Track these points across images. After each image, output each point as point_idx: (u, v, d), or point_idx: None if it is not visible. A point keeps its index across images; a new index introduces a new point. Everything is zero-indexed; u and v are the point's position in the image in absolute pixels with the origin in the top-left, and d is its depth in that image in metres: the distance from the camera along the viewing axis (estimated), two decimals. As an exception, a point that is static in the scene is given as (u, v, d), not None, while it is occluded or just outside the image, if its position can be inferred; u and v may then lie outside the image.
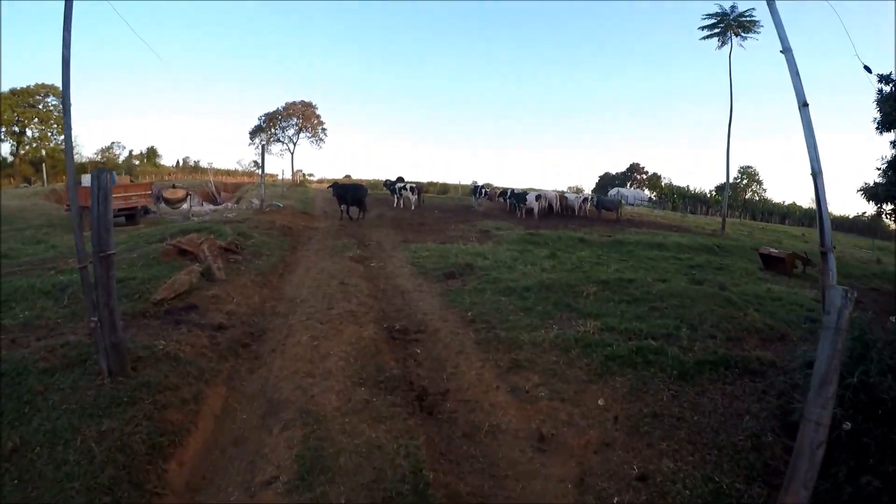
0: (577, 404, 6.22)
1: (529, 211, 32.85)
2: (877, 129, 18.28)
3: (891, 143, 18.23)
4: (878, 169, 18.68)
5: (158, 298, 8.54)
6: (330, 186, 28.39)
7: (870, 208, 21.79)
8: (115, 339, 5.72)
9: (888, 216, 20.00)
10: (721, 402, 6.06)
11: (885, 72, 17.77)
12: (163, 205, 28.15)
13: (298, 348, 7.43)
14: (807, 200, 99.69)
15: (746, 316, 9.27)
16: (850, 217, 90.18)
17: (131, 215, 24.43)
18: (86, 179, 24.68)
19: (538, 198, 33.30)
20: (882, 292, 16.49)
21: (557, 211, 36.23)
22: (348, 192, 26.47)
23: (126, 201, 23.87)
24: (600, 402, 6.22)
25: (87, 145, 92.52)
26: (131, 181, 29.75)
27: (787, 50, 6.13)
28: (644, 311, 9.44)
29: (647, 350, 7.21)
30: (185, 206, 29.06)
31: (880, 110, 18.13)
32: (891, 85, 17.94)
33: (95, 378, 5.67)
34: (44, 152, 64.91)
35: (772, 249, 18.98)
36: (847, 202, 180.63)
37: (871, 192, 18.93)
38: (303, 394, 6.13)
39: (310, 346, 7.44)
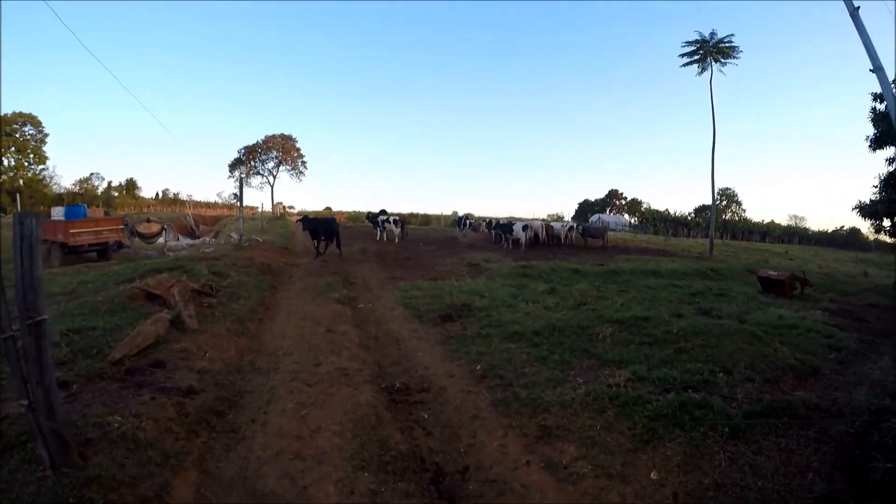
0: (626, 480, 5.14)
1: (516, 241, 32.42)
2: (870, 146, 18.30)
3: (886, 160, 18.53)
4: (875, 187, 18.58)
5: (118, 357, 7.28)
6: (299, 220, 26.79)
7: (865, 225, 21.76)
8: (54, 423, 4.52)
9: (886, 232, 19.44)
10: (779, 460, 5.29)
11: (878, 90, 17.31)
12: (137, 239, 27.12)
13: (283, 419, 6.16)
14: (785, 218, 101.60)
15: (776, 352, 8.63)
16: (829, 231, 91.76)
17: (103, 251, 23.53)
18: (56, 212, 23.62)
19: (525, 228, 32.77)
20: (881, 307, 16.46)
21: (543, 240, 36.08)
22: (319, 226, 24.88)
23: (97, 236, 22.92)
24: (653, 475, 5.19)
25: (65, 176, 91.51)
26: (106, 214, 28.49)
27: (878, 69, 5.46)
28: (670, 355, 8.55)
29: (692, 404, 6.25)
30: (160, 240, 28.07)
31: (875, 127, 17.95)
32: (884, 102, 17.52)
33: (37, 468, 4.49)
34: (21, 182, 64.44)
35: (770, 272, 18.64)
36: (821, 217, 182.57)
37: (868, 210, 18.71)
38: (292, 484, 4.92)
39: (297, 417, 6.19)
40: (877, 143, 18.24)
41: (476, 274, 19.22)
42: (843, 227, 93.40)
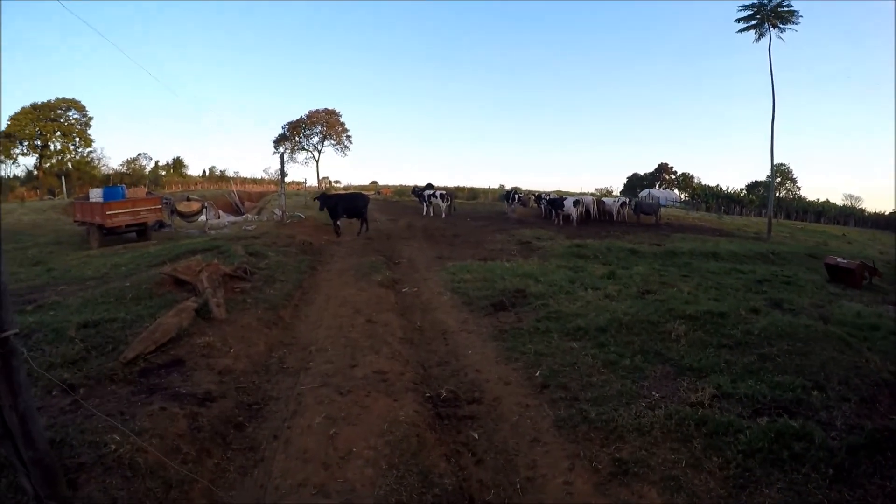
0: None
1: (567, 217, 31.40)
2: None
3: None
4: None
5: (131, 357, 6.47)
6: (316, 198, 24.91)
7: None
8: (36, 454, 3.69)
9: None
10: None
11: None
12: (178, 218, 26.72)
13: (309, 438, 5.24)
14: (840, 198, 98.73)
15: (868, 363, 7.56)
16: (887, 214, 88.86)
17: (142, 231, 23.07)
18: (94, 193, 23.25)
19: (576, 203, 31.65)
20: None
21: (595, 216, 35.02)
22: (340, 204, 23.16)
23: (135, 217, 22.37)
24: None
25: (114, 157, 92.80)
26: (149, 193, 28.12)
27: None
28: (754, 362, 7.51)
29: (790, 435, 5.24)
30: (201, 218, 27.59)
31: None
32: None
33: (23, 497, 3.79)
34: (70, 165, 66.25)
35: (840, 259, 17.63)
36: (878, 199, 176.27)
37: None
38: (312, 531, 4.04)
39: (325, 436, 5.25)
40: None
41: (528, 253, 18.33)
42: None
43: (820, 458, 4.95)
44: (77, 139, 67.52)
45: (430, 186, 40.16)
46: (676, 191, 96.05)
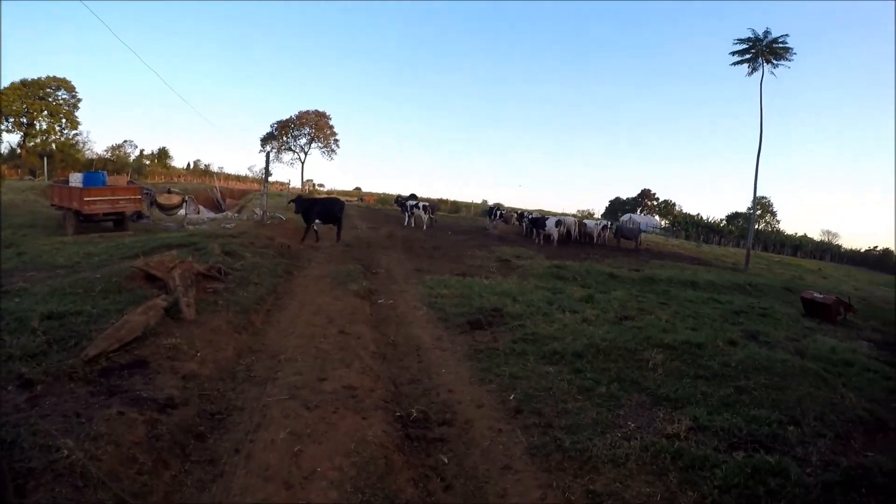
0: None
1: (548, 237, 31.22)
2: None
3: None
4: None
5: (92, 354, 6.21)
6: (291, 201, 23.68)
7: None
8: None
9: None
10: None
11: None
12: (157, 210, 26.30)
13: (272, 454, 5.00)
14: (817, 233, 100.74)
15: (844, 399, 7.82)
16: (862, 251, 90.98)
17: (119, 220, 22.48)
18: (74, 178, 22.81)
19: (558, 223, 31.58)
20: None
21: (575, 237, 35.07)
22: (315, 207, 22.31)
23: (113, 205, 21.84)
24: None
25: (99, 142, 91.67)
26: (131, 182, 27.63)
27: None
28: (731, 395, 7.51)
29: (765, 471, 5.23)
30: (181, 212, 27.20)
31: None
32: None
33: None
34: (54, 146, 64.97)
35: (815, 294, 17.87)
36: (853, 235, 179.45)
37: None
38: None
39: (289, 454, 5.00)
40: None
41: (507, 271, 18.25)
42: (876, 247, 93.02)
43: (795, 494, 4.93)
44: (64, 120, 66.45)
45: (413, 197, 40.06)
46: (657, 217, 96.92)
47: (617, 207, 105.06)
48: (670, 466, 5.31)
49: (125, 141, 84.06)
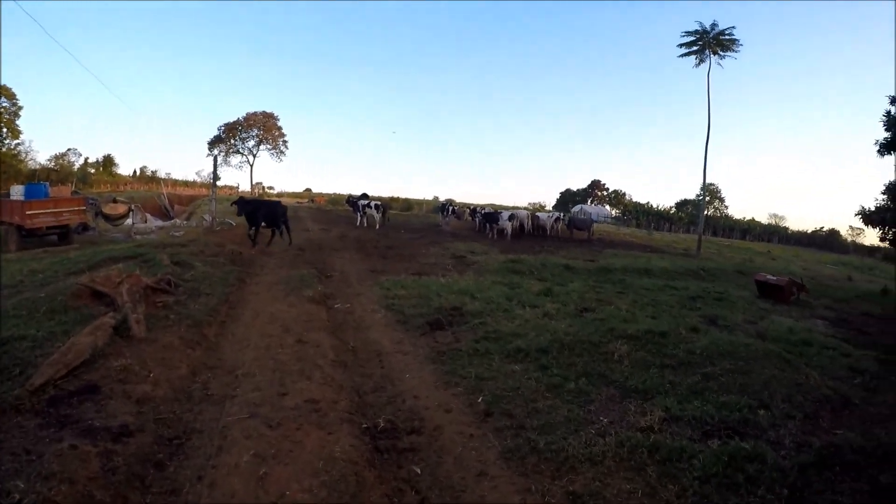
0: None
1: (501, 231, 31.22)
2: (879, 151, 18.29)
3: None
4: (885, 194, 18.14)
5: (39, 383, 5.81)
6: (234, 202, 22.57)
7: (874, 233, 21.29)
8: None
9: (891, 241, 19.01)
10: None
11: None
12: (103, 221, 25.50)
13: (236, 479, 4.66)
14: (765, 216, 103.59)
15: (809, 379, 8.01)
16: (809, 232, 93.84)
17: (64, 234, 21.74)
18: (15, 191, 21.99)
19: (511, 217, 31.59)
20: (877, 317, 16.53)
21: (529, 230, 35.04)
22: (260, 211, 21.31)
23: (57, 218, 21.15)
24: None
25: (42, 151, 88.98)
26: (75, 193, 26.75)
27: None
28: (698, 382, 7.56)
29: (742, 457, 5.29)
30: (127, 221, 26.41)
31: (888, 130, 17.97)
32: None
33: None
34: None
35: (769, 277, 18.44)
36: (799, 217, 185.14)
37: (875, 217, 18.32)
38: None
39: (254, 477, 4.67)
40: (887, 148, 17.72)
41: (463, 268, 18.11)
42: (822, 228, 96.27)
43: (773, 479, 5.01)
44: (4, 129, 63.87)
45: (364, 196, 39.69)
46: (608, 207, 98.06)
47: (568, 199, 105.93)
48: (648, 461, 5.27)
49: (69, 149, 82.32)
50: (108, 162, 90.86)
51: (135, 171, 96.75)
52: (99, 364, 6.59)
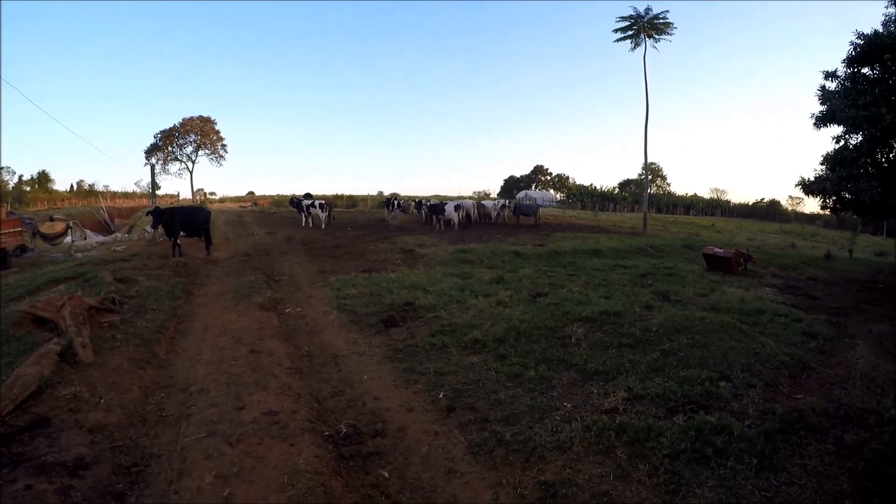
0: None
1: (448, 222, 31.17)
2: (815, 124, 19.11)
3: (833, 138, 19.23)
4: (823, 165, 19.42)
5: (-15, 423, 5.53)
6: (149, 212, 21.05)
7: (814, 203, 22.13)
8: None
9: (832, 210, 19.63)
10: (813, 489, 4.65)
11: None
12: (41, 241, 24.55)
13: (200, 502, 4.48)
14: (707, 191, 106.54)
15: (765, 347, 8.19)
16: (750, 204, 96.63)
17: (1, 257, 20.61)
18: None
19: (457, 208, 31.63)
20: (823, 281, 17.43)
21: (475, 220, 35.13)
22: (176, 219, 19.09)
23: None
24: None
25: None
26: (11, 213, 25.72)
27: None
28: (658, 359, 7.67)
29: (709, 431, 5.40)
30: (66, 240, 25.47)
31: (823, 104, 18.79)
32: (836, 81, 18.93)
33: None
34: None
35: (716, 249, 18.73)
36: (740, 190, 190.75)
37: (815, 187, 18.99)
38: None
39: (219, 499, 4.43)
40: (822, 121, 18.42)
41: (413, 262, 17.98)
42: (763, 199, 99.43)
43: (742, 449, 5.12)
44: None
45: (308, 196, 39.30)
46: (552, 191, 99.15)
47: (512, 185, 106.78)
48: (616, 443, 5.27)
49: (2, 168, 79.47)
50: (43, 178, 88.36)
51: (72, 186, 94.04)
52: (47, 394, 6.24)
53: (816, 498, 4.51)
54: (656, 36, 38.94)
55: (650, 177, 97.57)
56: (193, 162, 79.28)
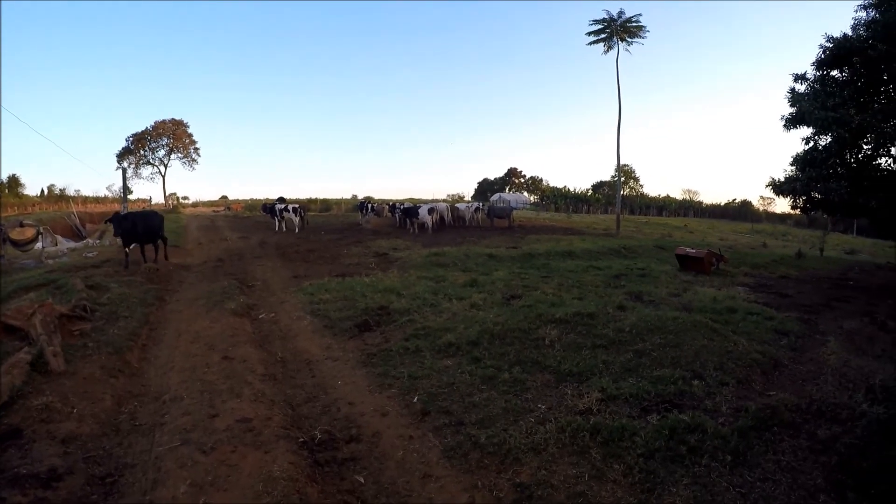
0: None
1: (422, 226, 31.14)
2: (785, 125, 19.23)
3: (802, 139, 19.33)
4: (793, 165, 19.49)
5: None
6: (108, 220, 18.56)
7: (785, 203, 22.42)
8: None
9: (803, 210, 19.89)
10: (787, 484, 4.72)
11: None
12: (11, 247, 24.13)
13: None
14: (679, 192, 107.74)
15: (737, 346, 8.27)
16: (722, 204, 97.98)
17: None
18: None
19: (431, 211, 31.49)
20: (794, 279, 17.61)
21: (449, 223, 35.21)
22: (137, 225, 17.60)
23: None
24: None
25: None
26: (-17, 219, 25.28)
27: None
28: (631, 360, 7.72)
29: (683, 429, 5.45)
30: (36, 246, 25.03)
31: (793, 106, 18.94)
32: (806, 83, 19.09)
33: None
34: None
35: (688, 250, 18.88)
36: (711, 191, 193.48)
37: (785, 188, 19.23)
38: None
39: None
40: (792, 122, 18.79)
41: (386, 265, 17.97)
42: (734, 199, 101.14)
43: (716, 446, 5.17)
44: None
45: (281, 200, 39.18)
46: (526, 193, 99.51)
47: (486, 188, 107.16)
48: (590, 443, 5.30)
49: (-30, 174, 78.05)
50: (13, 183, 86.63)
51: (42, 191, 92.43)
52: (19, 405, 6.13)
53: (791, 493, 4.57)
54: (629, 39, 39.42)
55: (623, 179, 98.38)
56: (166, 166, 78.76)
